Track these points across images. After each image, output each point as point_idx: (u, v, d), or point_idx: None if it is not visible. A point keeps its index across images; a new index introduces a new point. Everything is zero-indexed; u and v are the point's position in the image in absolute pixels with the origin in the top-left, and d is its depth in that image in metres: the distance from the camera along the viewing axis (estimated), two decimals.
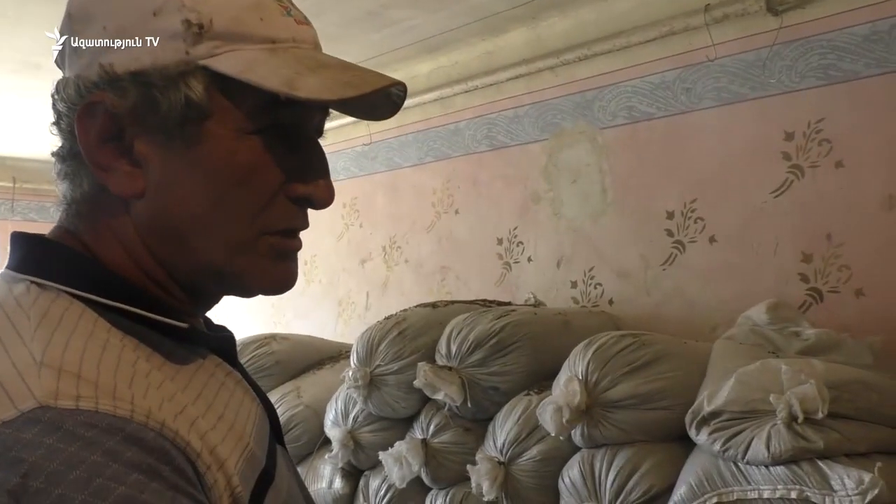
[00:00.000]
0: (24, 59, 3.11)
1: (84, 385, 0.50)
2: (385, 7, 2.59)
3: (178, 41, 0.58)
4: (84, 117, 0.59)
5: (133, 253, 0.63)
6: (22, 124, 4.29)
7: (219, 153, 0.60)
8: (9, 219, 5.37)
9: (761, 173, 2.19)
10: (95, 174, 0.61)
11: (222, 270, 0.63)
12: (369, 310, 3.47)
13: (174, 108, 0.59)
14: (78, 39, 0.60)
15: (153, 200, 0.61)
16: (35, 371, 0.50)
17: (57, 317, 0.55)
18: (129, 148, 0.60)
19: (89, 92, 0.59)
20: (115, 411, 0.49)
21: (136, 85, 0.58)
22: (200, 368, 0.63)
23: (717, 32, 2.24)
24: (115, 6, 0.60)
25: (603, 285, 2.58)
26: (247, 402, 0.67)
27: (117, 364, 0.53)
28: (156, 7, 0.59)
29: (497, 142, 2.98)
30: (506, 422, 1.87)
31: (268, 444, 0.67)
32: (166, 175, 0.60)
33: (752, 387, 1.43)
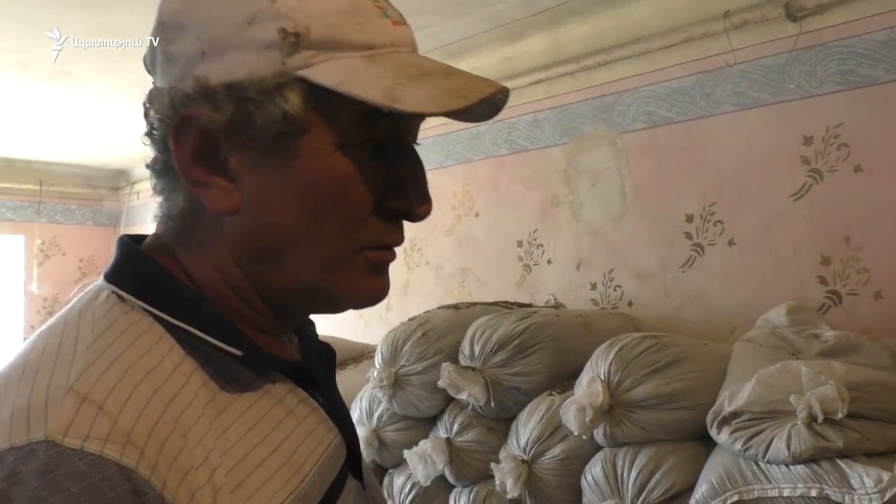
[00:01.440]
0: (55, 67, 3.19)
1: (101, 420, 0.49)
2: (407, 14, 2.59)
3: (274, 51, 0.55)
4: (179, 132, 0.57)
5: (224, 271, 0.61)
6: (49, 129, 4.38)
7: (315, 168, 0.58)
8: (35, 221, 5.48)
9: (780, 177, 2.22)
10: (191, 190, 0.59)
11: (315, 288, 0.62)
12: (390, 311, 3.52)
13: (270, 123, 0.56)
14: (170, 48, 0.58)
15: (247, 217, 0.59)
16: (60, 397, 0.49)
17: (120, 330, 0.55)
18: (224, 163, 0.58)
19: (184, 105, 0.56)
20: (121, 459, 0.47)
21: (232, 99, 0.55)
22: (267, 394, 0.60)
23: (737, 38, 2.27)
24: (209, 15, 0.56)
25: (622, 287, 2.62)
26: (318, 432, 0.63)
27: (151, 395, 0.52)
28: (250, 15, 0.55)
29: (517, 146, 3.02)
30: (529, 421, 1.91)
31: (335, 478, 0.64)
32: (261, 191, 0.58)
33: (772, 388, 1.46)
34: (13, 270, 5.51)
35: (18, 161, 5.24)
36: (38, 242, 5.53)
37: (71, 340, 0.54)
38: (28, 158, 5.23)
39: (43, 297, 5.47)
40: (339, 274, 0.61)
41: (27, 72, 3.26)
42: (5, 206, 5.38)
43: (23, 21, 2.65)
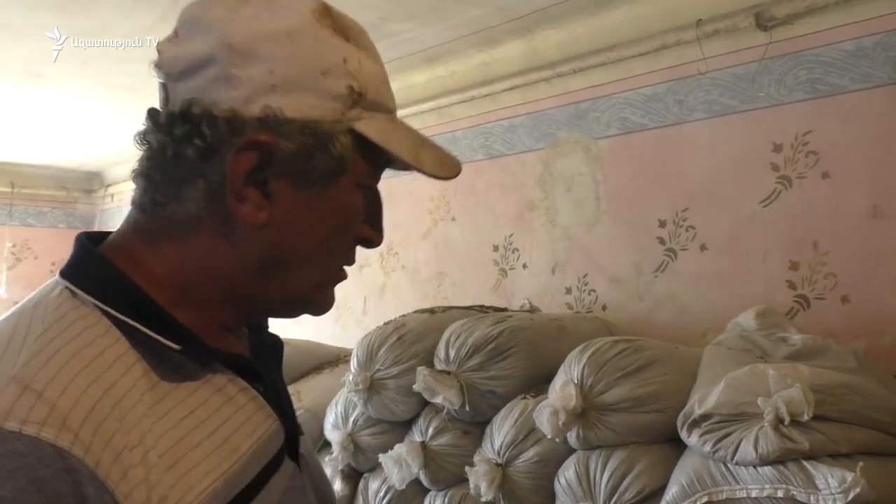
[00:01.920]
0: (27, 68, 3.16)
1: (40, 406, 0.54)
2: (383, 20, 2.65)
3: (338, 102, 0.66)
4: (243, 151, 0.63)
5: (219, 272, 0.68)
6: (21, 130, 4.33)
7: (339, 201, 0.69)
8: (7, 224, 5.40)
9: (751, 183, 2.26)
10: (229, 201, 0.64)
11: (304, 299, 0.73)
12: (366, 315, 3.52)
13: (324, 162, 0.66)
14: (235, 71, 0.63)
15: (272, 233, 0.66)
16: (4, 385, 0.55)
17: (68, 322, 0.61)
18: (263, 182, 0.65)
19: (248, 128, 0.63)
20: (56, 440, 0.53)
21: (301, 134, 0.64)
22: (207, 383, 0.66)
23: (708, 47, 2.31)
24: (287, 54, 0.64)
25: (597, 291, 2.64)
26: (256, 419, 0.69)
27: (89, 384, 0.57)
28: (325, 68, 0.65)
29: (493, 151, 3.04)
30: (503, 424, 1.92)
31: (271, 458, 0.69)
32: (292, 213, 0.67)
33: (741, 390, 1.49)
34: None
35: None
36: (9, 245, 5.46)
37: (21, 332, 0.60)
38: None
39: (13, 300, 5.40)
40: (324, 289, 0.74)
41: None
42: None
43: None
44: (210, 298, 0.68)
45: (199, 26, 0.64)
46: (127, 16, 2.58)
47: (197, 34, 0.64)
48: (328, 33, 0.66)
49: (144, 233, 0.68)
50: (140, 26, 2.67)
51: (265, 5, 0.66)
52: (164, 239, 0.67)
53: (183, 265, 0.67)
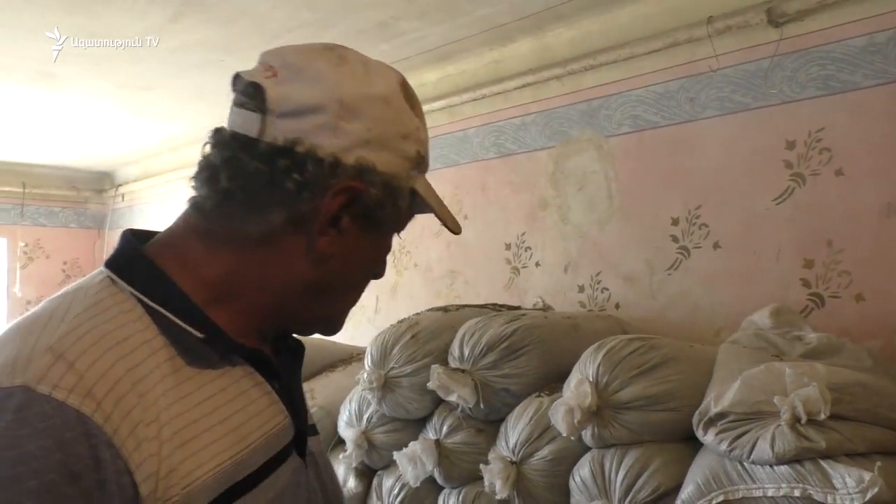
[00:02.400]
0: (39, 69, 3.17)
1: (69, 375, 0.61)
2: (395, 18, 2.66)
3: (408, 163, 0.78)
4: (340, 193, 0.73)
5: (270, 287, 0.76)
6: (33, 131, 4.35)
7: (384, 243, 0.83)
8: (19, 223, 5.44)
9: (764, 181, 2.25)
10: (316, 232, 0.75)
11: (332, 320, 0.84)
12: (379, 313, 3.53)
13: (392, 213, 0.78)
14: (341, 123, 0.73)
15: (332, 263, 0.77)
16: (41, 354, 0.62)
17: (105, 306, 0.68)
18: (337, 219, 0.75)
19: (345, 174, 0.73)
20: (80, 406, 0.60)
21: (384, 187, 0.75)
22: (226, 374, 0.73)
23: (720, 44, 2.31)
24: (382, 117, 0.75)
25: (609, 290, 2.65)
26: (268, 413, 0.76)
27: (116, 360, 0.64)
28: (406, 132, 0.77)
29: (505, 149, 3.04)
30: (518, 422, 1.93)
31: (278, 452, 0.76)
32: (354, 249, 0.78)
33: (757, 389, 1.49)
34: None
35: (1, 163, 5.20)
36: (22, 245, 5.49)
37: (62, 310, 0.68)
38: (11, 161, 5.20)
39: (26, 299, 5.43)
40: (346, 314, 0.85)
41: (10, 74, 3.24)
42: None
43: (6, 24, 2.64)
44: (255, 307, 0.76)
45: (305, 75, 0.73)
46: (138, 16, 2.59)
47: (303, 81, 0.73)
48: (407, 104, 0.78)
49: (205, 237, 0.75)
50: (150, 27, 2.68)
51: (362, 68, 0.76)
52: (227, 246, 0.75)
53: (239, 273, 0.75)
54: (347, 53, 0.77)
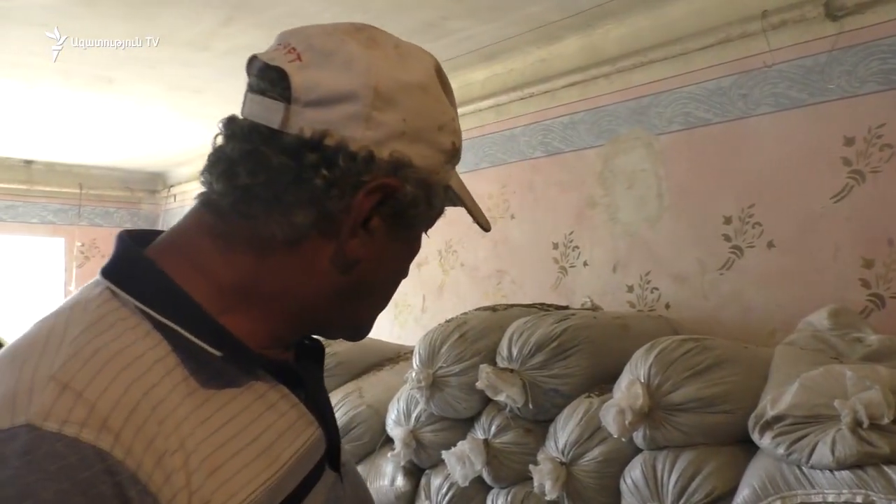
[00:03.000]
0: (98, 73, 3.26)
1: (79, 407, 0.52)
2: (443, 18, 2.66)
3: (442, 156, 0.70)
4: (377, 190, 0.65)
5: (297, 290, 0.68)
6: (90, 134, 4.48)
7: (415, 243, 0.74)
8: (76, 224, 5.60)
9: (820, 178, 2.20)
10: (347, 233, 0.66)
11: (361, 325, 0.76)
12: (425, 312, 3.55)
13: (426, 211, 0.70)
14: (374, 114, 0.64)
15: (362, 267, 0.69)
16: (44, 385, 0.54)
17: (109, 323, 0.60)
18: (368, 219, 0.67)
19: (379, 169, 0.65)
20: (97, 442, 0.51)
21: (419, 183, 0.68)
22: (249, 389, 0.65)
23: (775, 38, 2.26)
24: (418, 107, 0.67)
25: (659, 289, 2.61)
26: (298, 426, 0.68)
27: (129, 384, 0.56)
28: (441, 123, 0.69)
29: (552, 148, 3.02)
30: (567, 423, 1.91)
31: (312, 468, 0.68)
32: (384, 252, 0.70)
33: (816, 392, 1.46)
34: (54, 272, 5.64)
35: (59, 165, 5.37)
36: (78, 244, 5.66)
37: (59, 331, 0.59)
38: (69, 162, 5.36)
39: None
40: (375, 319, 0.77)
41: (69, 78, 3.34)
42: (47, 209, 5.51)
43: (66, 29, 2.72)
44: (276, 313, 0.68)
45: (334, 59, 0.64)
46: (192, 21, 2.64)
47: (333, 66, 0.64)
48: (442, 92, 0.70)
49: (220, 237, 0.66)
50: (204, 31, 2.73)
51: (395, 52, 0.68)
52: (245, 248, 0.66)
53: (259, 277, 0.66)
54: (378, 34, 0.69)
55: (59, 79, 3.34)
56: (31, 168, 5.27)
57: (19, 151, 5.00)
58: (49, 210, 5.52)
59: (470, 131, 3.33)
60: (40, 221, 5.50)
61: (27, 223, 5.43)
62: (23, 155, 5.11)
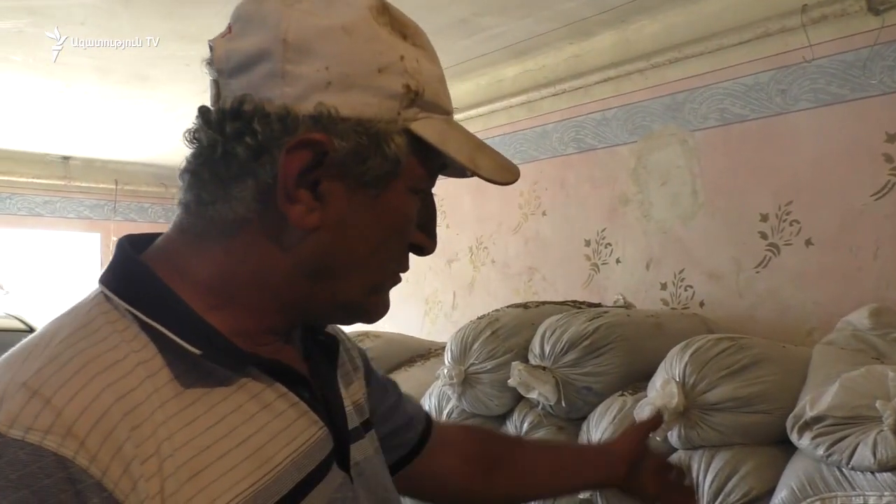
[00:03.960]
0: (134, 71, 3.31)
1: (45, 413, 0.52)
2: (476, 14, 2.66)
3: (394, 101, 0.62)
4: (296, 150, 0.60)
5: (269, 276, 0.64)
6: (125, 130, 4.55)
7: (394, 206, 0.66)
8: (111, 219, 5.69)
9: (861, 175, 2.16)
10: (280, 202, 0.61)
11: (355, 305, 0.69)
12: (456, 309, 3.55)
13: (378, 163, 0.62)
14: (289, 67, 0.60)
15: (324, 237, 0.63)
16: (14, 391, 0.53)
17: (95, 327, 0.59)
18: (314, 183, 0.62)
19: (304, 126, 0.60)
20: (59, 449, 0.51)
21: (355, 133, 0.61)
22: (241, 389, 0.63)
23: (815, 33, 2.22)
24: (343, 51, 0.61)
25: (694, 287, 2.58)
26: (298, 426, 0.66)
27: (102, 389, 0.54)
28: (381, 65, 0.62)
29: (585, 144, 3.01)
30: (601, 421, 1.90)
31: (313, 469, 0.66)
32: (345, 217, 0.64)
33: (856, 392, 1.43)
34: (90, 266, 5.74)
35: (96, 161, 5.45)
36: (113, 239, 5.74)
37: (48, 337, 0.59)
38: (105, 158, 5.44)
39: None
40: (376, 295, 0.70)
41: (107, 76, 3.39)
42: (84, 204, 5.60)
43: (104, 28, 2.76)
44: (257, 303, 0.65)
45: (253, 21, 0.62)
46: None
47: (251, 29, 0.61)
48: (385, 31, 0.63)
49: (189, 234, 0.65)
50: None
51: (322, 2, 0.63)
52: (210, 241, 0.64)
53: (229, 268, 0.64)
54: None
55: (96, 77, 3.39)
56: (69, 164, 5.37)
57: (57, 148, 5.09)
58: (86, 205, 5.61)
59: (501, 128, 3.32)
60: (77, 216, 5.59)
61: (65, 218, 5.53)
62: (61, 151, 5.21)
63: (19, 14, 2.64)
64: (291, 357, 0.71)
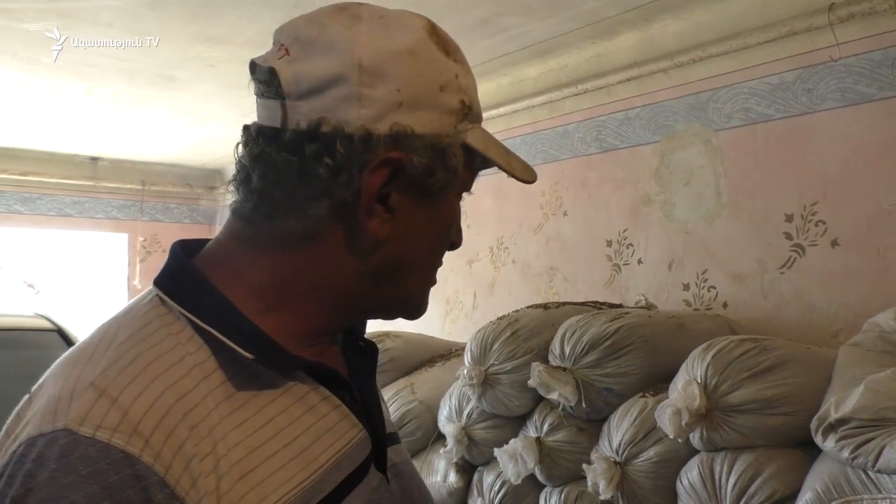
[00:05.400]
0: (161, 72, 3.35)
1: (113, 412, 0.56)
2: (498, 14, 2.66)
3: (452, 116, 0.68)
4: (378, 169, 0.64)
5: (336, 280, 0.69)
6: (152, 131, 4.60)
7: (447, 211, 0.72)
8: (138, 219, 5.77)
9: (889, 175, 2.12)
10: (360, 217, 0.66)
11: (412, 301, 0.75)
12: (476, 309, 3.55)
13: (443, 175, 0.68)
14: (364, 90, 0.63)
15: (393, 244, 0.68)
16: (83, 390, 0.57)
17: (153, 329, 0.63)
18: (386, 196, 0.66)
19: (380, 145, 0.64)
20: (126, 447, 0.54)
21: (429, 150, 0.66)
22: (288, 392, 0.66)
23: (842, 32, 2.18)
24: (410, 73, 0.65)
25: (717, 288, 2.56)
26: (340, 428, 0.69)
27: (163, 390, 0.58)
28: (442, 83, 0.67)
29: (607, 144, 2.99)
30: (622, 422, 1.89)
31: (353, 470, 0.68)
32: (411, 225, 0.69)
33: (882, 394, 1.41)
34: (118, 266, 5.82)
35: (124, 162, 5.53)
36: (141, 240, 5.82)
37: (108, 338, 0.63)
38: (132, 159, 5.51)
39: None
40: (426, 293, 0.76)
41: (134, 77, 3.44)
42: (112, 205, 5.68)
43: (131, 30, 2.80)
44: (315, 307, 0.69)
45: (318, 45, 0.65)
46: (252, 20, 2.69)
47: (317, 53, 0.64)
48: (437, 50, 0.68)
49: (249, 242, 0.69)
50: (264, 29, 2.78)
51: (379, 23, 0.66)
52: (271, 249, 0.68)
53: (290, 275, 0.68)
54: (361, 10, 0.67)
55: (124, 78, 3.43)
56: (97, 165, 5.45)
57: (86, 149, 5.16)
58: (113, 206, 5.69)
59: (522, 128, 3.31)
60: (105, 217, 5.67)
61: (93, 218, 5.61)
62: (89, 152, 5.28)
63: (49, 17, 2.68)
64: (335, 360, 0.74)
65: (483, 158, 0.71)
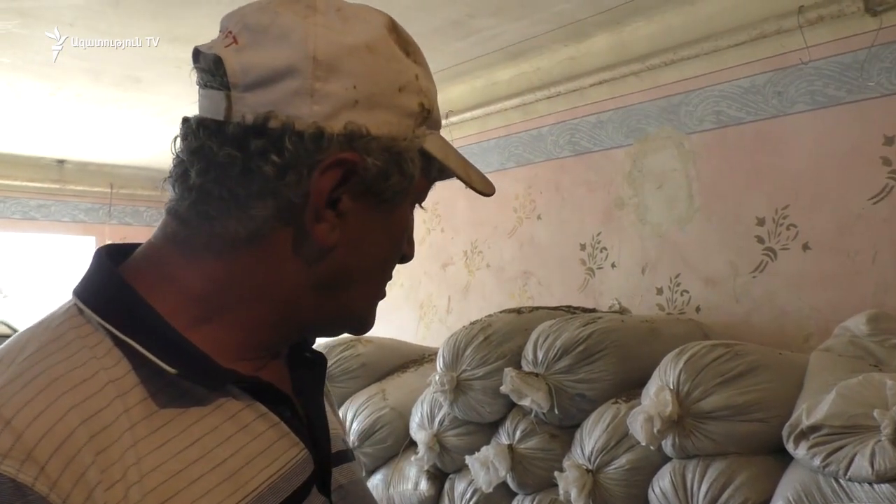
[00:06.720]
0: (126, 73, 3.28)
1: (5, 436, 0.50)
2: (469, 16, 2.63)
3: (410, 119, 0.64)
4: (329, 169, 0.60)
5: (278, 289, 0.63)
6: (119, 133, 4.52)
7: (401, 219, 0.68)
8: (106, 223, 5.66)
9: (859, 179, 2.13)
10: (307, 221, 0.61)
11: (357, 315, 0.70)
12: (451, 314, 3.51)
13: (398, 181, 0.64)
14: (318, 85, 0.59)
15: (341, 252, 0.64)
16: None
17: (65, 342, 0.57)
18: (337, 201, 0.62)
19: (333, 145, 0.60)
20: (17, 475, 0.48)
21: (384, 153, 0.62)
22: (218, 409, 0.61)
23: (812, 34, 2.19)
24: (368, 70, 0.61)
25: (690, 292, 2.55)
26: (278, 448, 0.63)
27: (67, 410, 0.52)
28: (402, 84, 0.63)
29: (580, 147, 2.97)
30: (594, 429, 1.87)
31: (292, 493, 0.63)
32: (362, 232, 0.64)
33: (854, 401, 1.40)
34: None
35: (91, 164, 5.42)
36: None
37: (15, 351, 0.57)
38: (100, 162, 5.41)
39: None
40: (374, 306, 0.71)
41: (99, 78, 3.36)
42: (78, 208, 5.57)
43: (94, 29, 2.73)
44: (253, 316, 0.63)
45: (269, 34, 0.60)
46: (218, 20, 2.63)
47: (269, 43, 0.60)
48: (398, 49, 0.64)
49: (184, 245, 0.63)
50: None
51: (337, 15, 0.62)
52: (211, 254, 0.62)
53: (228, 281, 0.62)
54: (318, 1, 0.63)
55: (88, 79, 3.36)
56: (63, 167, 5.33)
57: (51, 151, 5.05)
58: (80, 209, 5.57)
59: (496, 130, 3.29)
60: (72, 220, 5.55)
61: (59, 222, 5.50)
62: (55, 154, 5.17)
63: (9, 15, 2.61)
64: (276, 374, 0.68)
65: (441, 167, 0.67)
